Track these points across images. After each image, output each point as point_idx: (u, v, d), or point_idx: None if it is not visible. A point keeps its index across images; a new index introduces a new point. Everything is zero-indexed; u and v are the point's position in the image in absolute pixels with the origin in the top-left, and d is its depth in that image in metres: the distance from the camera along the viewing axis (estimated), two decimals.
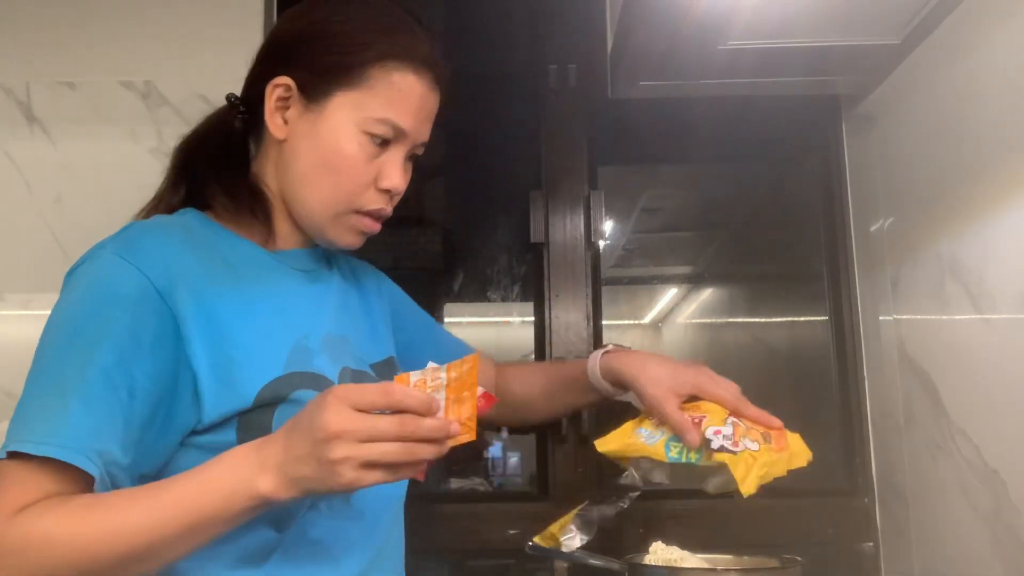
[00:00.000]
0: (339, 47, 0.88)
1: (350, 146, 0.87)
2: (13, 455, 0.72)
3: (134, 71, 1.42)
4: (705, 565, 1.07)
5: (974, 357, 1.12)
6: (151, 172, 1.38)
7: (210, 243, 0.88)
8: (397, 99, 0.88)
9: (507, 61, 1.69)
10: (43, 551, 0.69)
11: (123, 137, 1.39)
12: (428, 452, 0.72)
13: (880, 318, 1.42)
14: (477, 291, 1.62)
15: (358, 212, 0.90)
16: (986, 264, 1.09)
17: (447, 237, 1.63)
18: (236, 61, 1.46)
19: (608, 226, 1.62)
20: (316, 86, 0.88)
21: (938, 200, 1.21)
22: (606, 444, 1.02)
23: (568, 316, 1.52)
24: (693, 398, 1.02)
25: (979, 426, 1.12)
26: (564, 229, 1.55)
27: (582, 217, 1.55)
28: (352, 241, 0.93)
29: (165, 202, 0.94)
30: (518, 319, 1.62)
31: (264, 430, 0.78)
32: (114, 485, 0.74)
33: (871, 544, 1.43)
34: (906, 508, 1.33)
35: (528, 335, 1.57)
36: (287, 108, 0.90)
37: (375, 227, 0.93)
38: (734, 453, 0.94)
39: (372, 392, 0.71)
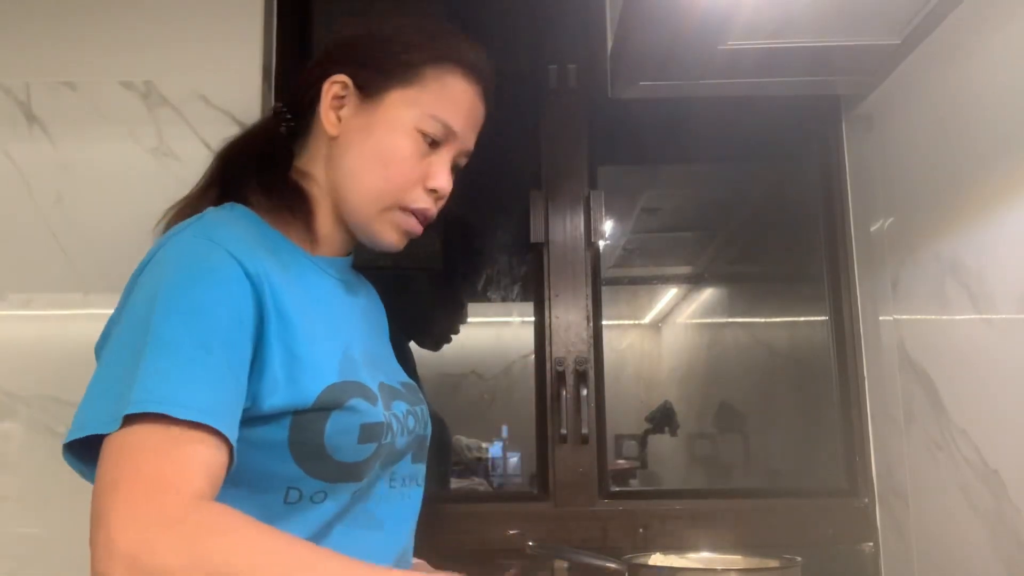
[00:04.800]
0: (396, 47, 0.92)
1: (404, 141, 0.90)
2: (152, 418, 0.66)
3: (134, 71, 1.41)
4: (705, 565, 1.07)
5: (974, 357, 1.12)
6: (151, 172, 1.39)
7: (265, 239, 0.87)
8: (448, 100, 0.92)
9: (507, 61, 1.69)
10: (223, 548, 0.63)
11: (123, 137, 1.39)
12: None
13: (880, 318, 1.42)
14: (473, 294, 1.62)
15: (404, 209, 0.92)
16: (986, 264, 1.09)
17: (447, 237, 1.63)
18: (236, 61, 1.47)
19: (608, 226, 1.62)
20: (372, 83, 0.91)
21: (938, 200, 1.21)
22: None
23: (568, 316, 1.52)
24: None
25: (979, 426, 1.12)
26: (564, 229, 1.55)
27: (582, 217, 1.55)
28: (395, 240, 0.94)
29: (192, 206, 0.92)
30: (518, 319, 1.62)
31: (317, 433, 0.79)
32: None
33: (871, 544, 1.43)
34: (906, 508, 1.33)
35: (528, 335, 1.57)
36: (342, 106, 0.92)
37: (418, 228, 0.94)
38: None
39: None
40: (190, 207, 0.92)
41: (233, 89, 1.42)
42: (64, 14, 1.43)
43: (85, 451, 0.70)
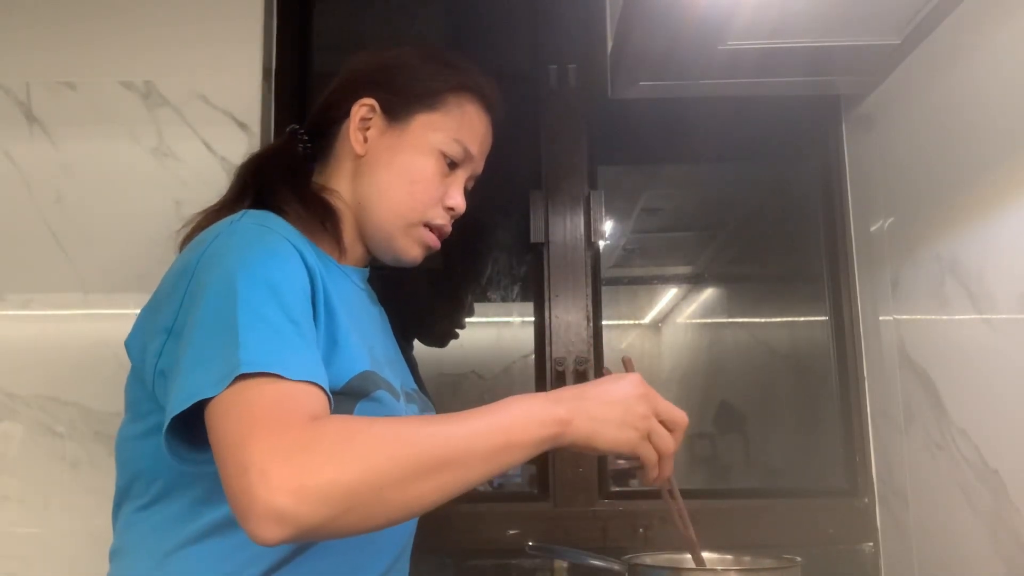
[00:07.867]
0: (421, 74, 1.00)
1: (429, 161, 0.98)
2: (264, 376, 0.69)
3: (134, 71, 1.42)
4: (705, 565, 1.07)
5: (974, 357, 1.12)
6: (151, 172, 1.39)
7: (305, 240, 0.90)
8: (467, 126, 1.00)
9: (507, 61, 1.69)
10: (368, 438, 0.68)
11: (123, 137, 1.39)
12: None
13: (880, 318, 1.42)
14: (477, 291, 1.62)
15: (425, 225, 0.99)
16: (986, 264, 1.09)
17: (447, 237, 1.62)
18: (236, 61, 1.47)
19: (608, 226, 1.62)
20: (399, 108, 0.98)
21: (938, 200, 1.21)
22: None
23: (568, 316, 1.52)
24: None
25: (979, 426, 1.12)
26: (564, 229, 1.55)
27: (582, 217, 1.55)
28: (416, 255, 1.01)
29: (228, 209, 0.94)
30: (518, 319, 1.62)
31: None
32: None
33: (871, 544, 1.43)
34: (906, 508, 1.33)
35: (528, 335, 1.57)
36: (368, 128, 0.99)
37: (436, 243, 1.02)
38: None
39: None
40: (224, 212, 0.93)
41: (233, 89, 1.42)
42: (64, 14, 1.43)
43: (178, 429, 0.72)
